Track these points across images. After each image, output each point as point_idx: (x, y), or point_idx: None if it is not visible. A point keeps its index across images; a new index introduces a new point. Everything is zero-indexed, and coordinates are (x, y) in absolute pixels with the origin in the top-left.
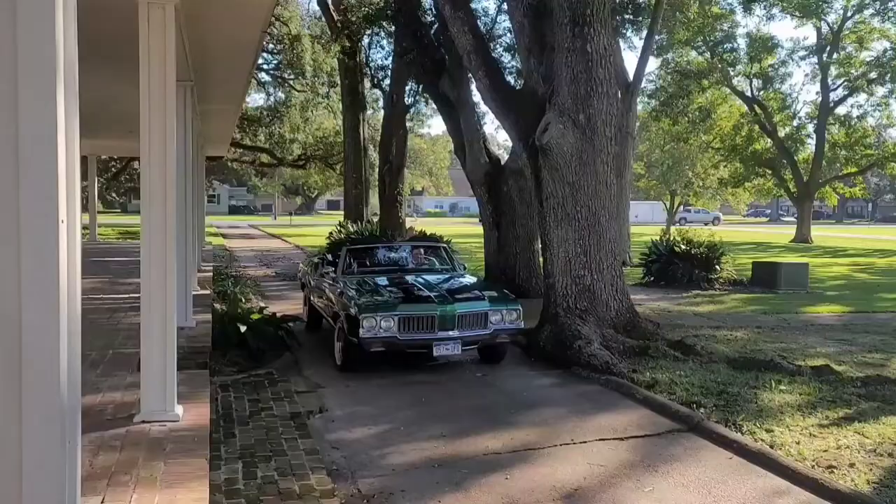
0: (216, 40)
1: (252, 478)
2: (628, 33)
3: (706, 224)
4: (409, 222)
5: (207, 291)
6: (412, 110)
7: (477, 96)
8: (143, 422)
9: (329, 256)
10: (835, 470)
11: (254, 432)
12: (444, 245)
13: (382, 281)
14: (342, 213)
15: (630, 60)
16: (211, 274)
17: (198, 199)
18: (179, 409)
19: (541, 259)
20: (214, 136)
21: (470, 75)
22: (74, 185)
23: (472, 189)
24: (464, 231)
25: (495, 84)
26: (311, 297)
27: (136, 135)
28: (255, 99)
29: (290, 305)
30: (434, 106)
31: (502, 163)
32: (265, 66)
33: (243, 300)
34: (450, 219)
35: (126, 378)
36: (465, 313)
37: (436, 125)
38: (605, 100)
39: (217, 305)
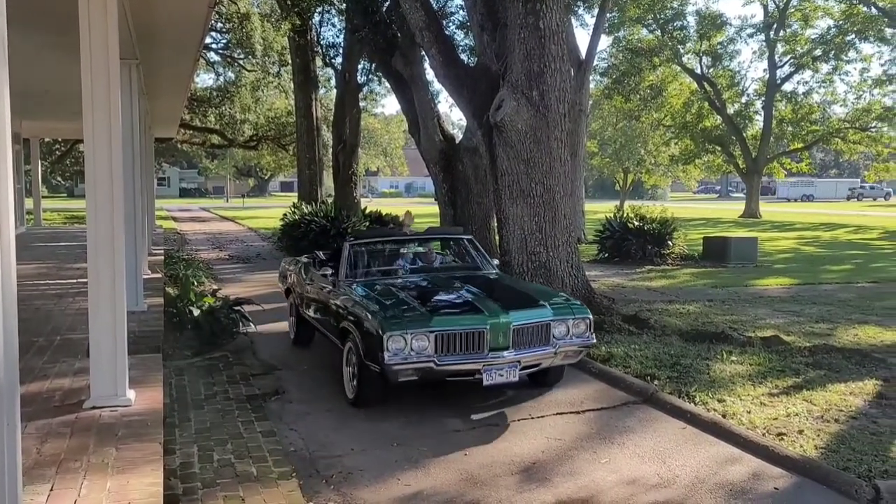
0: (161, 16)
1: (208, 461)
2: (580, 11)
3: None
4: (363, 203)
5: (159, 275)
6: (365, 89)
7: (430, 74)
8: (94, 407)
9: (322, 255)
10: (784, 437)
11: (209, 416)
12: (468, 237)
13: (404, 285)
14: (296, 194)
15: (582, 38)
16: (162, 257)
17: (147, 181)
18: (131, 394)
19: (497, 237)
20: (163, 117)
21: (423, 53)
22: (4, 161)
23: (426, 168)
24: (419, 210)
25: (448, 61)
26: (301, 307)
27: (80, 116)
28: (205, 79)
29: (244, 288)
30: (387, 84)
31: (457, 141)
32: (214, 46)
33: (196, 283)
34: (405, 199)
35: (75, 364)
36: (522, 326)
37: (390, 104)
38: (558, 76)
39: (169, 289)
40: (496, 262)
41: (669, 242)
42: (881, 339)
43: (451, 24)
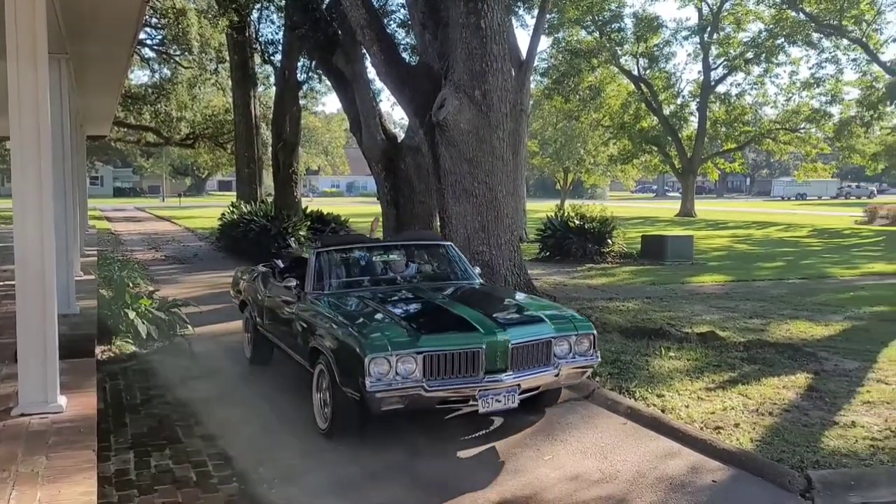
0: (93, 10)
1: (145, 467)
2: (521, 11)
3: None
4: (304, 202)
5: (92, 277)
6: (305, 86)
7: (372, 72)
8: (22, 415)
9: (281, 263)
10: (721, 430)
11: (146, 421)
12: (448, 244)
13: (382, 298)
14: (235, 193)
15: (522, 39)
16: (95, 259)
17: (78, 180)
18: (63, 400)
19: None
20: (95, 115)
21: (364, 50)
22: None
23: (368, 167)
24: (361, 210)
25: (390, 59)
26: (260, 323)
27: (6, 113)
28: (139, 76)
29: (181, 289)
30: (328, 82)
31: (399, 140)
32: (148, 42)
33: (131, 285)
34: (346, 198)
35: (1, 370)
36: (521, 344)
37: (330, 103)
38: (500, 76)
39: (103, 291)
40: (477, 269)
41: (609, 241)
42: (812, 333)
43: (392, 22)
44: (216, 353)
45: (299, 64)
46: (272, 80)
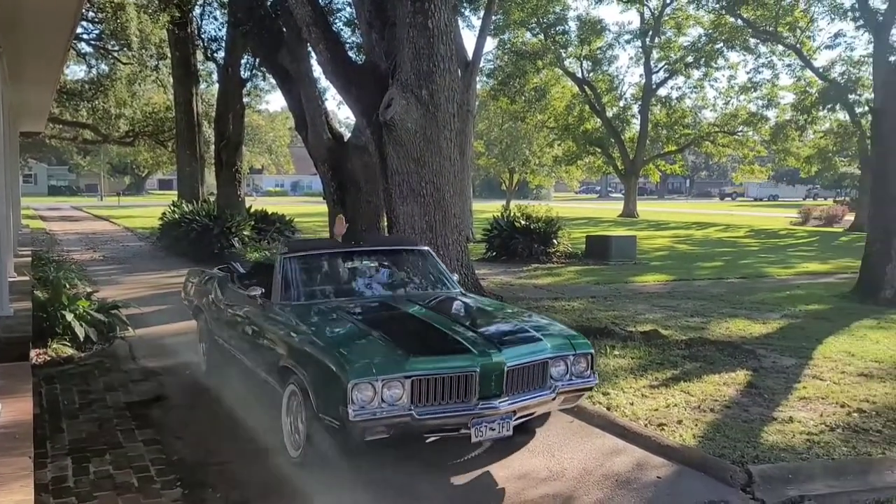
0: (27, 2)
1: (84, 474)
2: (466, 12)
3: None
4: (248, 201)
5: (26, 277)
6: (249, 84)
7: (318, 70)
8: None
9: (240, 267)
10: (665, 427)
11: (85, 426)
12: (425, 249)
13: (359, 312)
14: (176, 192)
15: (468, 39)
16: (30, 259)
17: (11, 177)
18: None
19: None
20: (29, 110)
21: (310, 48)
22: None
23: (315, 166)
24: (306, 210)
25: (337, 58)
26: (217, 333)
27: None
28: (76, 71)
29: (121, 290)
30: (272, 80)
31: (345, 139)
32: (85, 36)
33: (68, 286)
34: (291, 197)
35: None
36: (518, 366)
37: (274, 101)
38: (447, 76)
39: (38, 292)
40: (456, 277)
41: (555, 241)
42: (750, 331)
43: (337, 20)
44: (159, 354)
45: (243, 61)
46: (215, 77)
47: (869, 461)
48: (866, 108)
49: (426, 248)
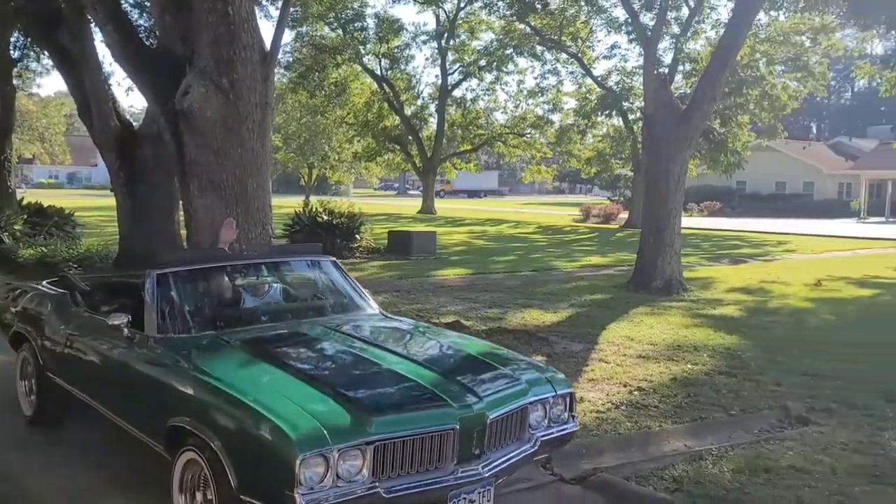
0: None
1: None
2: (264, 2)
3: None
4: (19, 193)
5: None
6: (20, 65)
7: (104, 53)
8: None
9: (83, 284)
10: None
11: None
12: (331, 259)
13: (282, 349)
14: None
15: (266, 30)
16: None
17: None
18: None
19: (184, 230)
20: None
21: (95, 28)
22: None
23: (101, 156)
24: (87, 203)
25: (127, 40)
26: (52, 368)
27: None
28: None
29: None
30: (47, 61)
31: (136, 127)
32: None
33: None
34: (67, 190)
35: None
36: (501, 417)
37: (48, 84)
38: (248, 65)
39: None
40: (367, 291)
41: (357, 236)
42: (543, 320)
43: (125, 1)
44: None
45: (12, 39)
46: None
47: (648, 434)
48: (638, 114)
49: (329, 257)
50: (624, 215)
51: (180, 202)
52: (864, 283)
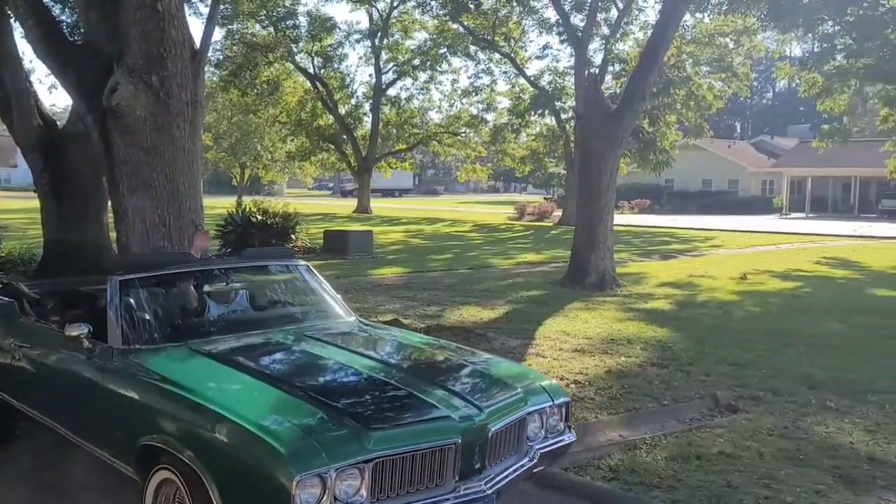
0: None
1: None
2: None
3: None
4: None
5: None
6: None
7: (25, 48)
8: None
9: (30, 291)
10: None
11: None
12: (303, 264)
13: (263, 360)
14: None
15: (196, 27)
16: None
17: None
18: None
19: (113, 232)
20: None
21: (16, 23)
22: None
23: (23, 155)
24: (6, 206)
25: (51, 36)
26: (3, 387)
27: None
28: None
29: None
30: None
31: (60, 125)
32: None
33: None
34: None
35: None
36: (502, 429)
37: None
38: (179, 62)
39: None
40: (340, 296)
41: (293, 236)
42: (481, 317)
43: None
44: None
45: None
46: None
47: (585, 425)
48: (571, 114)
49: (301, 262)
50: (558, 213)
51: (109, 203)
52: (786, 276)
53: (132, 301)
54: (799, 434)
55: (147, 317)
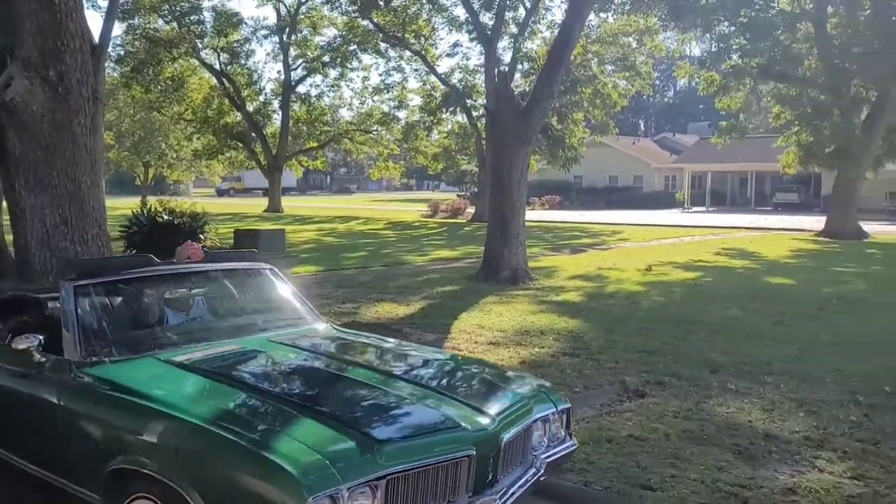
0: None
1: None
2: None
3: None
4: None
5: None
6: None
7: None
8: None
9: None
10: None
11: None
12: (269, 267)
13: (241, 371)
14: None
15: (94, 21)
16: None
17: None
18: None
19: (9, 235)
20: None
21: None
22: None
23: None
24: None
25: None
26: None
27: None
28: None
29: None
30: None
31: None
32: None
33: None
34: None
35: None
36: (512, 438)
37: None
38: (78, 57)
39: None
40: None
41: (202, 236)
42: (396, 313)
43: None
44: None
45: None
46: None
47: None
48: (481, 111)
49: (267, 265)
50: (471, 210)
51: (4, 203)
52: (688, 267)
53: (91, 309)
54: (702, 415)
55: (107, 326)
